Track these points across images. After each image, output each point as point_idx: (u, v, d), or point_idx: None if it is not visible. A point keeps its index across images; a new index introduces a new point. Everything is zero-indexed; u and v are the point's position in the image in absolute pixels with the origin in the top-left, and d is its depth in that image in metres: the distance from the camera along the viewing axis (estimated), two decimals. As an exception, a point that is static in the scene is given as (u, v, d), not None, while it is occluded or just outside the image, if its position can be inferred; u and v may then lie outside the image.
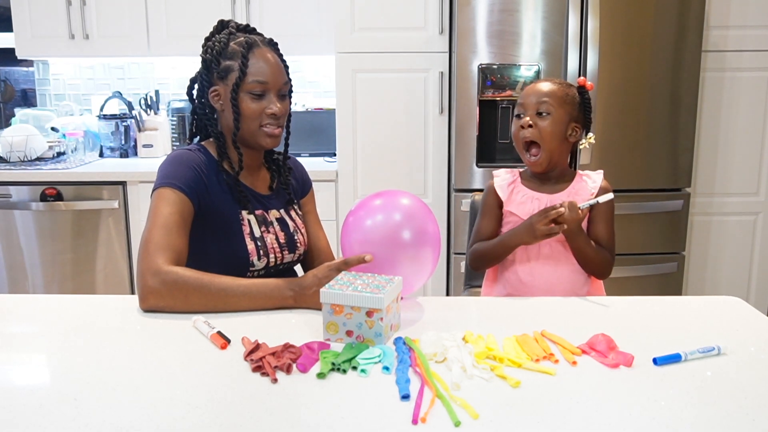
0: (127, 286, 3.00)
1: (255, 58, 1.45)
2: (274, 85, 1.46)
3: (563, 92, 1.55)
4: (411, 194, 1.41)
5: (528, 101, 1.55)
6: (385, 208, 1.36)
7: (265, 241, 1.50)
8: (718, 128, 2.88)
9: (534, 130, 1.53)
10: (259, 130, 1.47)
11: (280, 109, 1.47)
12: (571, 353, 1.11)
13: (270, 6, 3.06)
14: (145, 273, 1.30)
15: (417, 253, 1.33)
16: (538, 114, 1.54)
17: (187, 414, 0.91)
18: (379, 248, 1.31)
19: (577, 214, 1.47)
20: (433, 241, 1.36)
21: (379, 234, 1.32)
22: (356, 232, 1.35)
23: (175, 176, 1.42)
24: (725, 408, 0.93)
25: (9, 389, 1.00)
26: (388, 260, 1.30)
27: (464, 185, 2.75)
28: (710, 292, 2.99)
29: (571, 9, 2.58)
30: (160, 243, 1.33)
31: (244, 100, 1.45)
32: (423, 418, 0.90)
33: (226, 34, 1.48)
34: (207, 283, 1.30)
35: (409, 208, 1.35)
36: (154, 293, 1.29)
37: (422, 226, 1.34)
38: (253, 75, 1.44)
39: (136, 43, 3.12)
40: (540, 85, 1.56)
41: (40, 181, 2.89)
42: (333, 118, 3.02)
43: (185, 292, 1.29)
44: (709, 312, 1.34)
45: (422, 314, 1.31)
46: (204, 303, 1.29)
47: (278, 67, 1.48)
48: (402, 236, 1.32)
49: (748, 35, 2.80)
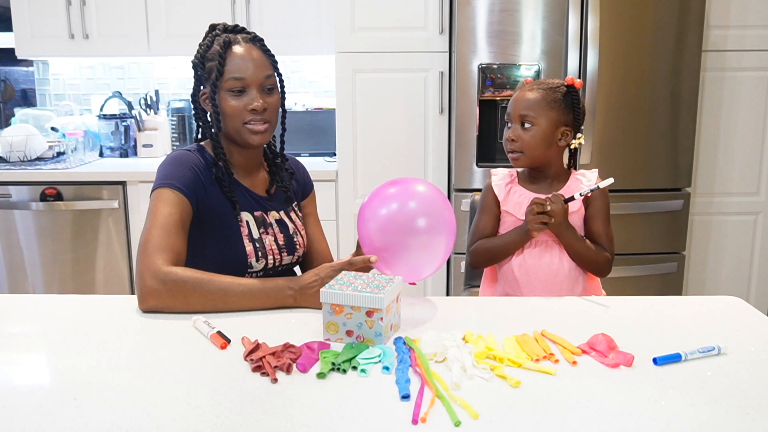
0: (127, 286, 3.00)
1: (232, 56, 1.44)
2: (253, 80, 1.44)
3: (549, 98, 1.54)
4: (426, 181, 1.42)
5: (513, 111, 1.57)
6: (399, 196, 1.36)
7: (263, 243, 1.50)
8: (718, 128, 2.88)
9: (517, 143, 1.55)
10: (243, 127, 1.45)
11: (262, 104, 1.44)
12: (571, 353, 1.11)
13: (270, 6, 3.06)
14: (144, 274, 1.30)
15: (431, 240, 1.33)
16: (522, 125, 1.55)
17: (187, 414, 0.91)
18: (395, 237, 1.31)
19: (562, 204, 1.49)
20: (449, 229, 1.36)
21: (396, 224, 1.32)
22: (372, 221, 1.35)
23: (173, 177, 1.42)
24: (725, 408, 0.93)
25: (9, 389, 1.00)
26: (402, 247, 1.31)
27: (464, 185, 2.75)
28: (710, 292, 2.99)
29: (571, 9, 2.58)
30: (159, 243, 1.33)
31: (225, 99, 1.44)
32: (423, 418, 0.90)
33: (212, 36, 1.48)
34: (206, 283, 1.30)
35: (425, 196, 1.36)
36: (154, 294, 1.29)
37: (440, 214, 1.34)
38: (230, 72, 1.43)
39: (136, 43, 3.12)
40: (526, 93, 1.56)
41: (40, 181, 2.89)
42: (333, 118, 3.02)
43: (184, 292, 1.29)
44: (709, 312, 1.34)
45: (422, 314, 1.31)
46: (203, 303, 1.29)
47: (258, 61, 1.45)
48: (418, 224, 1.31)
49: (748, 35, 2.80)
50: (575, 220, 1.57)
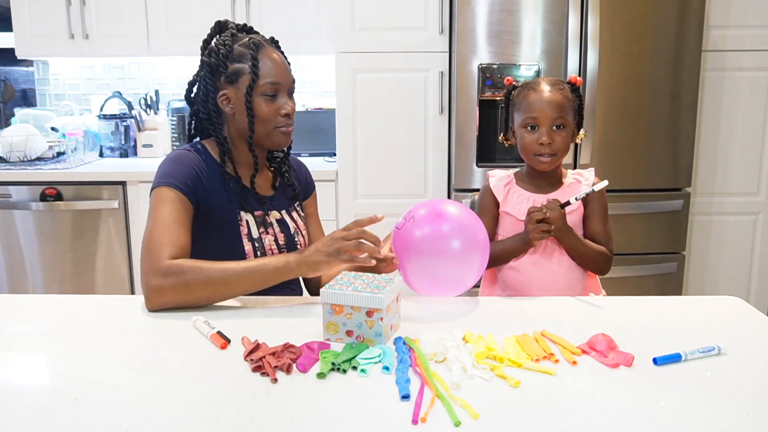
0: (127, 286, 3.00)
1: (264, 60, 1.44)
2: (285, 85, 1.46)
3: (570, 99, 1.55)
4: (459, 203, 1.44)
5: (543, 115, 1.52)
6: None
7: (263, 243, 1.49)
8: (718, 128, 2.88)
9: (552, 145, 1.53)
10: (274, 130, 1.46)
11: (293, 108, 1.48)
12: (571, 353, 1.11)
13: (270, 6, 3.06)
14: (148, 272, 1.30)
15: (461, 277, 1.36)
16: (554, 127, 1.53)
17: (187, 414, 0.91)
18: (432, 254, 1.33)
19: (559, 211, 1.48)
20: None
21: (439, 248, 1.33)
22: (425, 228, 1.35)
23: (173, 175, 1.41)
24: (725, 408, 0.93)
25: (9, 389, 1.00)
26: (433, 264, 1.34)
27: (464, 185, 2.75)
28: (710, 292, 2.99)
29: (571, 9, 2.58)
30: (161, 241, 1.33)
31: (258, 103, 1.44)
32: (423, 418, 0.90)
33: (229, 36, 1.46)
34: (206, 269, 1.30)
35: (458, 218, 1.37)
36: (156, 290, 1.29)
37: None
38: (266, 77, 1.43)
39: (136, 43, 3.12)
40: (553, 95, 1.53)
41: (40, 181, 2.89)
42: (333, 118, 3.02)
43: (185, 282, 1.29)
44: (709, 312, 1.34)
45: (422, 314, 1.31)
46: (206, 290, 1.30)
47: (286, 66, 1.48)
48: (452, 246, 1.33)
49: (748, 35, 2.80)
50: (574, 220, 1.57)
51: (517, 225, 1.58)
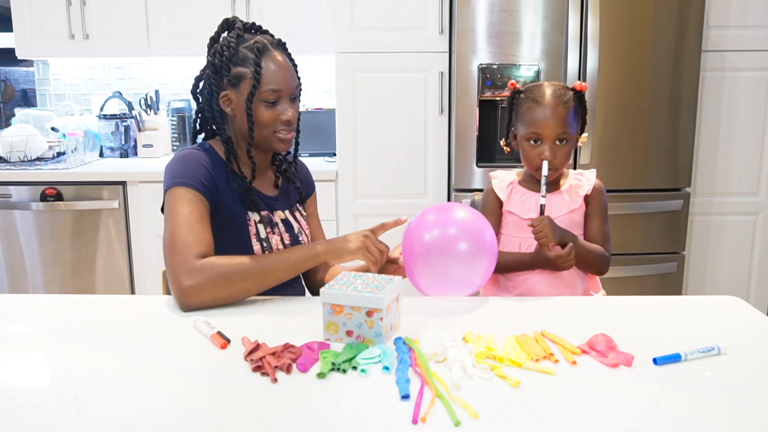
0: (127, 286, 3.00)
1: (267, 65, 1.41)
2: (287, 91, 1.44)
3: (574, 109, 1.55)
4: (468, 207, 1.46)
5: (546, 131, 1.52)
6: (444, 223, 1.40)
7: (270, 242, 1.49)
8: (718, 128, 2.88)
9: (555, 160, 1.53)
10: (273, 135, 1.45)
11: (293, 115, 1.46)
12: (571, 353, 1.11)
13: (270, 6, 3.06)
14: (180, 273, 1.29)
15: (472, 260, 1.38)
16: (557, 141, 1.53)
17: (187, 414, 0.91)
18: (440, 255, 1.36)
19: (541, 221, 1.47)
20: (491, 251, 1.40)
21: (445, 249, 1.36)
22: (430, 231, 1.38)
23: (187, 175, 1.40)
24: (725, 408, 0.93)
25: (9, 389, 1.00)
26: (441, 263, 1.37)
27: (464, 185, 2.75)
28: (710, 292, 2.99)
29: (571, 9, 2.58)
30: (187, 240, 1.32)
31: (259, 109, 1.42)
32: (423, 418, 0.90)
33: (234, 36, 1.44)
34: (243, 263, 1.33)
35: (466, 222, 1.40)
36: (196, 288, 1.28)
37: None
38: (268, 83, 1.41)
39: (136, 43, 3.12)
40: (556, 110, 1.51)
41: (40, 181, 2.89)
42: (333, 118, 3.02)
43: (226, 277, 1.30)
44: (709, 312, 1.34)
45: (422, 314, 1.31)
46: (245, 284, 1.32)
47: (290, 70, 1.46)
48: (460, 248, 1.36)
49: (748, 35, 2.80)
50: (577, 218, 1.58)
51: (520, 224, 1.59)
